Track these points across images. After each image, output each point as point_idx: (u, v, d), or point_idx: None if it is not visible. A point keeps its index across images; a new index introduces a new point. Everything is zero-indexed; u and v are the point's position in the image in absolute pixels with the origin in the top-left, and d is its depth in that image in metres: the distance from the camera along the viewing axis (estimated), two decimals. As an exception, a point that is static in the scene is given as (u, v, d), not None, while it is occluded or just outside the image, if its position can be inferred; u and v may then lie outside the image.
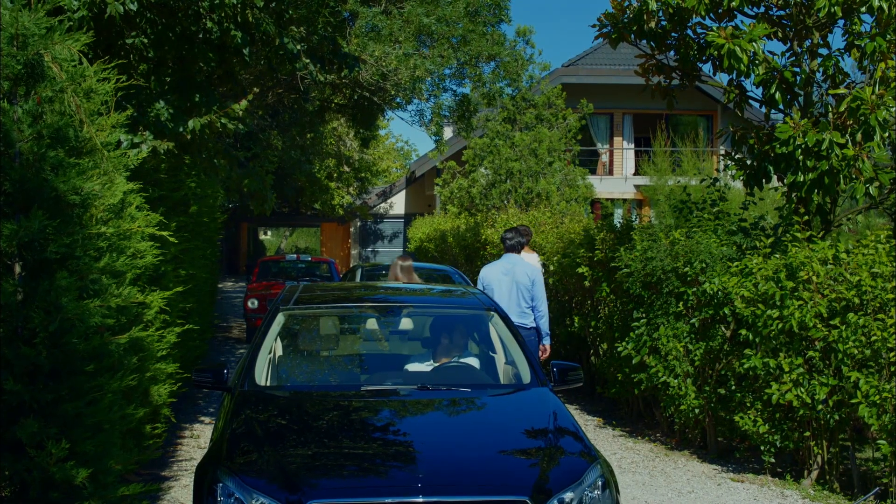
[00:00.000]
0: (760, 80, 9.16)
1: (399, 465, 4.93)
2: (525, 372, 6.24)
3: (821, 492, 8.16)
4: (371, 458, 5.02)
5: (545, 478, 4.80)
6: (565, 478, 4.82)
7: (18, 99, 4.43)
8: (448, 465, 4.92)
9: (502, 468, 4.97)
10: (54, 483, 4.28)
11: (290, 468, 4.72)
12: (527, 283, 9.48)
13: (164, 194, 8.21)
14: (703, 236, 9.42)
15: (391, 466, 4.94)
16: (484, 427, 5.59)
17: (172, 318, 7.89)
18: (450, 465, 4.94)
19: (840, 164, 8.60)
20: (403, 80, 15.12)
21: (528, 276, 9.50)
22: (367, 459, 5.00)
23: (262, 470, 4.73)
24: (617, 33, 9.93)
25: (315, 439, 5.17)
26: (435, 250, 22.92)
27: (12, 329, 4.27)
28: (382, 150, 40.76)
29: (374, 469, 4.92)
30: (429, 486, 4.58)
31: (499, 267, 9.73)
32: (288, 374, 6.58)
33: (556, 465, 4.95)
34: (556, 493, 4.70)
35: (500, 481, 4.79)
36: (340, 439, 5.20)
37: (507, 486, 4.74)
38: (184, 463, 8.62)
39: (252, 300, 17.68)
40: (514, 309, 9.35)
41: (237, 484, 4.61)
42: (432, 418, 5.77)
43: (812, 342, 8.13)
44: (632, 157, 32.82)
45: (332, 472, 4.84)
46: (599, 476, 4.92)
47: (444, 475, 4.78)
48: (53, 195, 4.38)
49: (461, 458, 5.03)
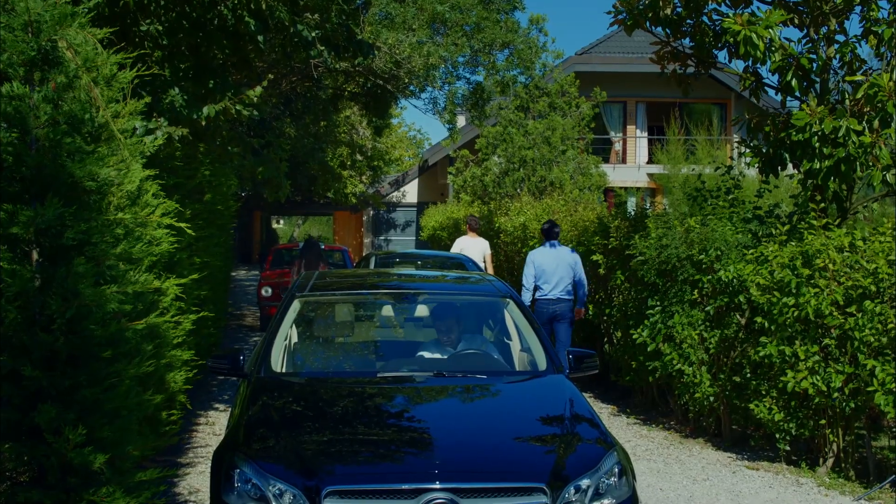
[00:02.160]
0: (777, 67, 9.11)
1: (415, 452, 4.94)
2: (541, 359, 6.23)
3: (836, 479, 8.14)
4: (387, 444, 5.03)
5: (562, 464, 4.77)
6: (582, 464, 4.80)
7: (35, 85, 4.43)
8: (464, 452, 4.91)
9: (518, 455, 4.96)
10: (72, 468, 4.29)
11: (306, 454, 4.73)
12: (572, 264, 11.27)
13: (180, 182, 8.21)
14: (718, 224, 9.39)
15: (407, 453, 4.95)
16: (500, 414, 5.58)
17: (188, 305, 7.90)
18: (466, 451, 4.93)
19: (857, 152, 8.56)
20: (417, 67, 15.10)
21: (573, 261, 11.33)
22: (383, 446, 5.00)
23: (279, 456, 4.73)
24: (632, 20, 9.89)
25: (331, 426, 5.17)
26: (448, 239, 22.91)
27: (30, 315, 4.28)
28: (395, 139, 40.70)
29: (390, 455, 4.91)
30: (445, 472, 4.58)
31: (548, 251, 11.42)
32: (304, 360, 6.59)
33: (573, 451, 4.92)
34: (573, 480, 4.69)
35: (516, 468, 4.77)
36: (356, 426, 5.21)
37: (523, 472, 4.72)
38: (199, 450, 8.66)
39: (266, 288, 17.72)
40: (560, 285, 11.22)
41: (254, 470, 4.61)
42: (448, 405, 5.77)
43: (828, 330, 8.10)
44: (645, 145, 32.70)
45: (349, 458, 4.85)
46: (616, 463, 4.90)
47: (460, 461, 4.77)
48: (70, 181, 4.38)
49: (477, 444, 5.02)
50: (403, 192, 38.56)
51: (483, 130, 24.48)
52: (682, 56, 10.30)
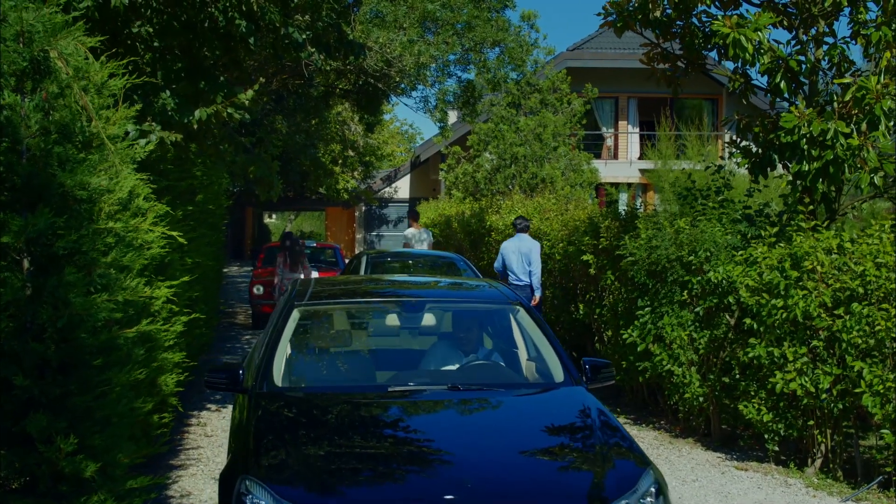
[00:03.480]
0: (766, 69, 9.14)
1: (439, 475, 4.65)
2: (557, 369, 5.93)
3: (824, 480, 8.19)
4: (407, 466, 4.75)
5: (599, 485, 4.51)
6: (620, 485, 4.50)
7: (26, 94, 4.44)
8: (493, 473, 4.62)
9: (552, 476, 4.69)
10: (63, 476, 4.31)
11: (322, 478, 4.48)
12: (526, 251, 12.92)
13: (171, 184, 8.22)
14: (707, 225, 9.43)
15: (431, 476, 4.67)
16: (525, 430, 5.23)
17: (179, 307, 7.91)
18: (495, 472, 4.63)
19: (845, 154, 8.60)
20: (408, 66, 15.11)
21: (528, 249, 12.94)
22: (402, 468, 4.72)
23: (292, 480, 4.49)
24: (622, 21, 9.90)
25: (347, 445, 4.92)
26: (440, 235, 22.93)
27: (21, 324, 4.29)
28: (387, 134, 40.73)
29: (412, 479, 4.64)
30: (474, 496, 4.32)
31: (514, 242, 13.15)
32: (307, 374, 6.26)
33: (610, 470, 4.63)
34: (612, 502, 4.39)
35: (550, 489, 4.50)
36: (374, 446, 4.95)
37: (558, 494, 4.47)
38: (191, 452, 8.67)
39: (257, 286, 17.73)
40: (520, 269, 12.93)
41: (269, 494, 4.37)
42: (468, 421, 5.44)
43: (816, 332, 8.15)
44: (637, 140, 32.76)
45: (367, 482, 4.60)
46: (654, 482, 4.60)
47: (490, 483, 4.49)
48: (61, 191, 4.39)
49: (505, 464, 4.73)
50: (395, 188, 38.58)
51: (475, 127, 24.50)
52: (672, 57, 10.32)
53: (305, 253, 16.42)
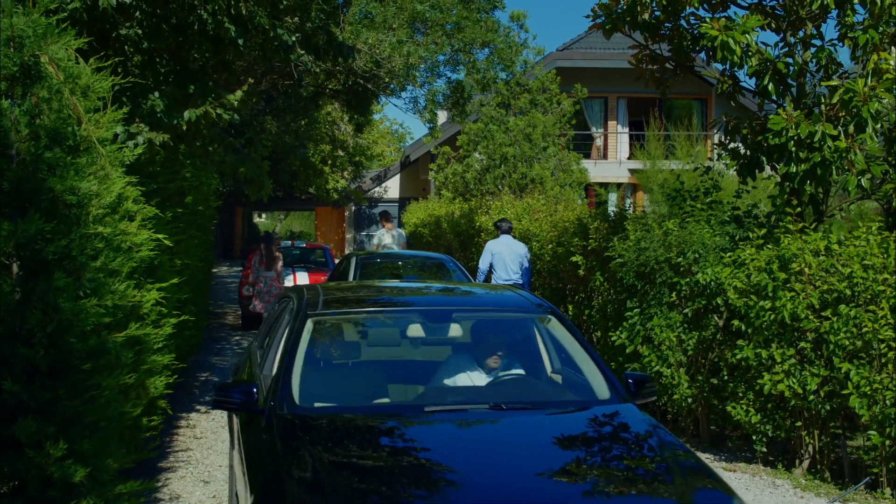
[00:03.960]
0: (753, 72, 9.17)
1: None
2: (599, 384, 5.42)
3: (812, 481, 8.23)
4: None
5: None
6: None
7: (16, 99, 4.44)
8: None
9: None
10: (52, 481, 4.31)
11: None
12: (521, 254, 13.27)
13: (160, 186, 8.21)
14: (696, 226, 9.46)
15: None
16: (588, 456, 4.67)
17: (168, 309, 7.89)
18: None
19: (832, 156, 8.63)
20: (397, 67, 15.12)
21: (522, 249, 13.35)
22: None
23: None
24: (611, 24, 9.92)
25: (393, 478, 4.32)
26: (429, 235, 22.94)
27: (10, 329, 4.29)
28: (377, 134, 40.75)
29: None
30: None
31: (502, 242, 13.42)
32: (331, 392, 5.57)
33: (697, 501, 4.13)
34: None
35: None
36: (422, 479, 4.35)
37: None
38: (180, 454, 8.66)
39: (247, 287, 17.71)
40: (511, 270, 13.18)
41: None
42: (526, 448, 4.74)
43: (804, 333, 8.20)
44: (626, 140, 32.81)
45: None
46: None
47: None
48: (51, 196, 4.39)
49: (580, 496, 4.17)
50: (385, 188, 38.59)
51: (464, 127, 24.49)
52: (660, 59, 10.35)
53: (280, 252, 16.71)
